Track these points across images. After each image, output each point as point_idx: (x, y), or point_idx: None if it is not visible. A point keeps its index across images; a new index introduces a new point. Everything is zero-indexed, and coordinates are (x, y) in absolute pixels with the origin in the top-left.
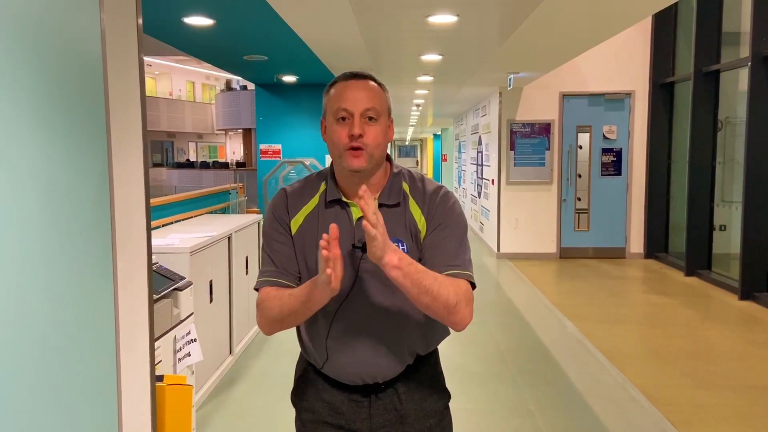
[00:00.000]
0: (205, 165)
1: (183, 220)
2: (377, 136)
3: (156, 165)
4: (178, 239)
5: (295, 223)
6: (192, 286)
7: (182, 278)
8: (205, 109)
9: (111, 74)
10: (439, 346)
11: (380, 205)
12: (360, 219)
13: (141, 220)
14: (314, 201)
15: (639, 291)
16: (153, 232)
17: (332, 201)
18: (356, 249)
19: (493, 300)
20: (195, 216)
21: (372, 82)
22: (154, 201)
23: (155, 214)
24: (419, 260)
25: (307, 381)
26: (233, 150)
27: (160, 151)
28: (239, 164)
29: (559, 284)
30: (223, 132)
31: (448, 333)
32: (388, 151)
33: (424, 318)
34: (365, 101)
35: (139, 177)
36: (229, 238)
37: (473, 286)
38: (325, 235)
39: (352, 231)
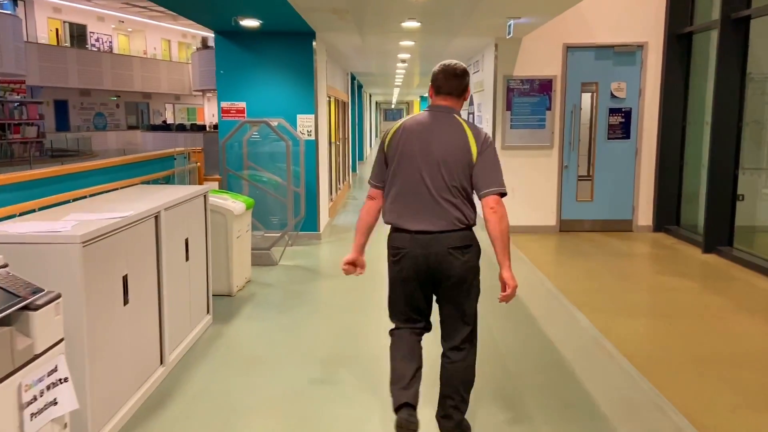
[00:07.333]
0: (182, 128)
1: (103, 192)
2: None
3: (131, 128)
4: (73, 223)
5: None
6: (60, 299)
7: (39, 290)
8: (182, 69)
9: None
10: (426, 350)
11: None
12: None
13: None
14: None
15: (654, 272)
16: (46, 211)
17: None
18: None
19: (488, 285)
20: (122, 187)
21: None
22: (62, 169)
23: (62, 186)
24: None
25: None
26: (212, 112)
27: (135, 112)
28: (217, 126)
29: (562, 264)
30: (201, 93)
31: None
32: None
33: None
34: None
35: None
36: (156, 218)
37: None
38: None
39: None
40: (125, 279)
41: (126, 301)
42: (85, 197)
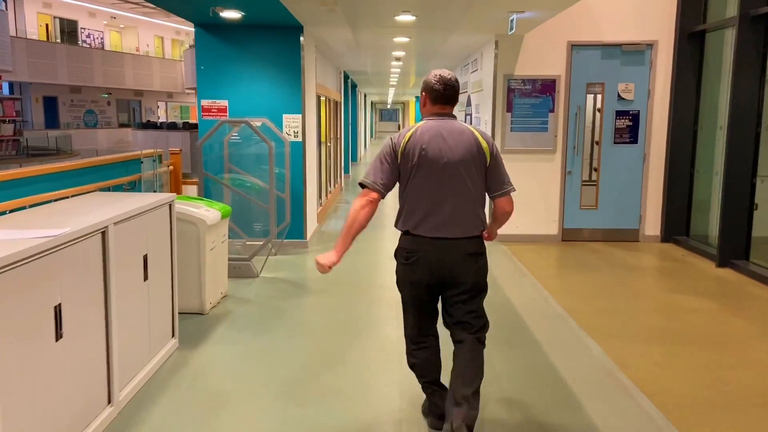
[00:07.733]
0: (173, 126)
1: (50, 201)
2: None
3: (122, 125)
4: None
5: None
6: None
7: None
8: (175, 66)
9: None
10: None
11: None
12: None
13: None
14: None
15: (667, 289)
16: None
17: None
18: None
19: (487, 303)
20: (74, 195)
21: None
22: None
23: (2, 194)
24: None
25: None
26: None
27: (127, 110)
28: None
29: (566, 278)
30: (193, 91)
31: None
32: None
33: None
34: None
35: None
36: (103, 234)
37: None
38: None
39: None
40: (58, 309)
41: (59, 335)
42: (24, 208)
